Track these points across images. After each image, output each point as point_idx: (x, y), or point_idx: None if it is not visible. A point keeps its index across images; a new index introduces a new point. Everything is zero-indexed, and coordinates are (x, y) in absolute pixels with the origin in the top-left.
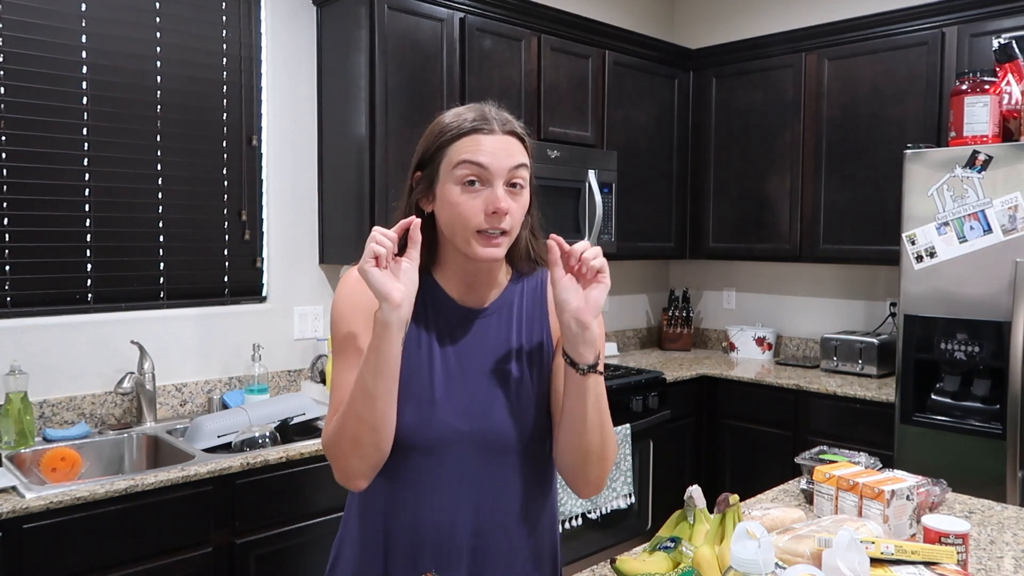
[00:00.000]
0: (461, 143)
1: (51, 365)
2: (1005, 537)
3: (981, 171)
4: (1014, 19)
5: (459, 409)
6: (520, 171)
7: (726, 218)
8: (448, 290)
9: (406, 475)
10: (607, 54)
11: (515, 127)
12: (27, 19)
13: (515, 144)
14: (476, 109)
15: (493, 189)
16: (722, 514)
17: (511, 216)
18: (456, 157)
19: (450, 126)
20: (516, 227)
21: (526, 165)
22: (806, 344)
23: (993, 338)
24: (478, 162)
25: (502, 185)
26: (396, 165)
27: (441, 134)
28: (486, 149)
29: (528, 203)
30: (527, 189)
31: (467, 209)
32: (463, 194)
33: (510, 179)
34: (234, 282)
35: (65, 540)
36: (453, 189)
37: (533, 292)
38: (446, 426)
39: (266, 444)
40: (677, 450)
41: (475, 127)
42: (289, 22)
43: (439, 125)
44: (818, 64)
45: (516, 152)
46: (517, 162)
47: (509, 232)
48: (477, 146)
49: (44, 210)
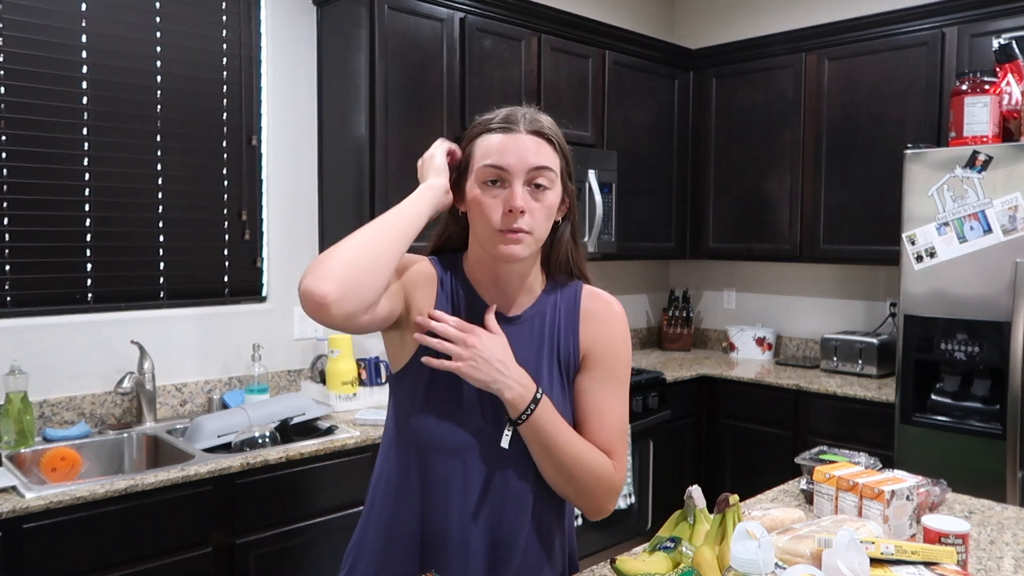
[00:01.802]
0: (484, 144)
1: (51, 365)
2: (1005, 537)
3: (981, 171)
4: (1014, 19)
5: (488, 413)
6: (543, 172)
7: (726, 218)
8: (481, 293)
9: (432, 478)
10: (607, 54)
11: (543, 128)
12: (27, 19)
13: (540, 144)
14: (507, 110)
15: (512, 188)
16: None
17: (531, 216)
18: (479, 157)
19: (476, 127)
20: (538, 228)
21: (550, 167)
22: (806, 344)
23: (993, 338)
24: (495, 163)
25: (522, 184)
26: (396, 165)
27: (469, 135)
28: (505, 149)
29: (555, 205)
30: (553, 191)
31: (487, 208)
32: (484, 193)
33: (532, 179)
34: (234, 282)
35: (65, 540)
36: (476, 188)
37: (567, 303)
38: (475, 429)
39: (266, 444)
40: (677, 450)
41: (497, 127)
42: (289, 22)
43: (470, 127)
44: (818, 64)
45: (540, 152)
46: (539, 163)
47: (532, 232)
48: (497, 146)
49: (44, 210)
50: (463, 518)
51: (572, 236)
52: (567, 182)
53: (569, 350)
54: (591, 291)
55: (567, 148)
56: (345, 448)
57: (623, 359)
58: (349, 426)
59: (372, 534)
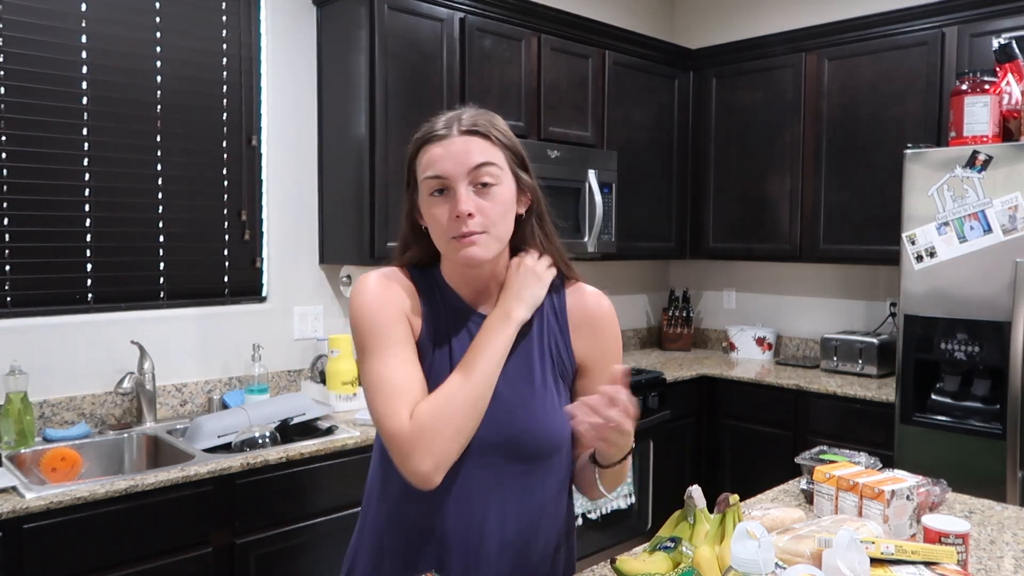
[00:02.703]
0: (422, 157)
1: (51, 365)
2: (1005, 537)
3: (981, 171)
4: (1014, 19)
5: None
6: (485, 169)
7: (726, 218)
8: (462, 295)
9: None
10: (607, 54)
11: (476, 125)
12: (27, 19)
13: (475, 143)
14: (445, 116)
15: (456, 193)
16: (722, 514)
17: (482, 215)
18: (420, 171)
19: (414, 141)
20: (494, 226)
21: (491, 163)
22: (806, 344)
23: (993, 338)
24: (433, 172)
25: (465, 187)
26: (396, 165)
27: (410, 151)
28: (441, 156)
29: (508, 199)
30: (502, 187)
31: (438, 217)
32: (433, 206)
33: (475, 179)
34: (234, 282)
35: (65, 540)
36: (425, 202)
37: (552, 301)
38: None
39: (266, 444)
40: (677, 450)
41: (430, 137)
42: (289, 22)
43: (411, 141)
44: (818, 64)
45: (476, 151)
46: (476, 161)
47: (487, 231)
48: (435, 156)
49: (44, 210)
50: (464, 525)
51: (542, 227)
52: (520, 174)
53: (563, 357)
54: (575, 289)
55: (513, 140)
56: (345, 448)
57: (617, 353)
58: (349, 426)
59: (370, 538)
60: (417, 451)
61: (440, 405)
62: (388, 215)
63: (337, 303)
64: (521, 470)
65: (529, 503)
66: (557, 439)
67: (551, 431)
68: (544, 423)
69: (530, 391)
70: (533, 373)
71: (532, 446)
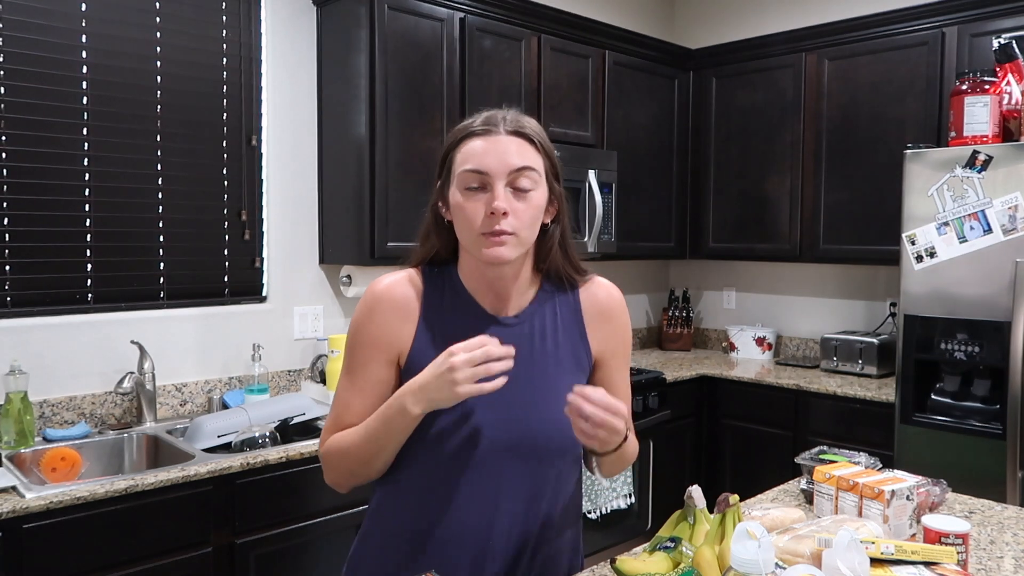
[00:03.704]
0: (463, 149)
1: (51, 365)
2: (1005, 537)
3: (981, 171)
4: (1014, 19)
5: (496, 419)
6: (526, 173)
7: (726, 218)
8: (478, 299)
9: (441, 487)
10: (607, 54)
11: (523, 128)
12: (27, 19)
13: (521, 145)
14: (488, 112)
15: (494, 190)
16: (722, 514)
17: (515, 217)
18: (459, 163)
19: (455, 132)
20: (523, 229)
21: (533, 168)
22: (806, 344)
23: (993, 338)
24: (475, 167)
25: (503, 187)
26: (396, 165)
27: (448, 141)
28: (484, 152)
29: (540, 206)
30: (537, 192)
31: (469, 212)
32: (466, 199)
33: (514, 181)
34: (234, 282)
35: (65, 540)
36: (458, 195)
37: (566, 302)
38: (482, 436)
39: (266, 444)
40: (677, 450)
41: (475, 131)
42: (289, 22)
43: (451, 133)
44: (818, 64)
45: (521, 153)
46: (520, 164)
47: (516, 233)
48: (477, 150)
49: (44, 210)
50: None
51: (563, 239)
52: (553, 183)
53: (579, 353)
54: (588, 284)
55: (552, 149)
56: None
57: (630, 344)
58: None
59: (378, 540)
60: (325, 469)
61: (341, 449)
62: (388, 215)
63: (337, 303)
64: (532, 470)
65: (540, 502)
66: (568, 440)
67: (562, 432)
68: (556, 424)
69: (543, 393)
70: (547, 375)
71: (543, 447)
